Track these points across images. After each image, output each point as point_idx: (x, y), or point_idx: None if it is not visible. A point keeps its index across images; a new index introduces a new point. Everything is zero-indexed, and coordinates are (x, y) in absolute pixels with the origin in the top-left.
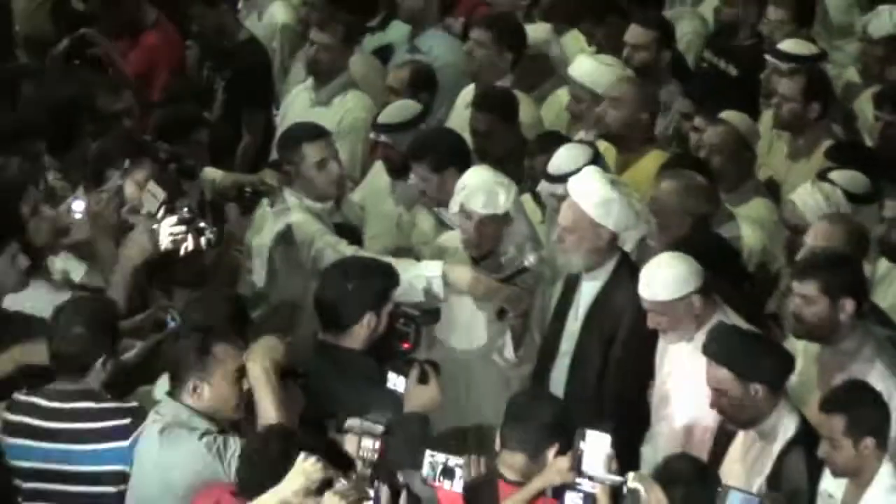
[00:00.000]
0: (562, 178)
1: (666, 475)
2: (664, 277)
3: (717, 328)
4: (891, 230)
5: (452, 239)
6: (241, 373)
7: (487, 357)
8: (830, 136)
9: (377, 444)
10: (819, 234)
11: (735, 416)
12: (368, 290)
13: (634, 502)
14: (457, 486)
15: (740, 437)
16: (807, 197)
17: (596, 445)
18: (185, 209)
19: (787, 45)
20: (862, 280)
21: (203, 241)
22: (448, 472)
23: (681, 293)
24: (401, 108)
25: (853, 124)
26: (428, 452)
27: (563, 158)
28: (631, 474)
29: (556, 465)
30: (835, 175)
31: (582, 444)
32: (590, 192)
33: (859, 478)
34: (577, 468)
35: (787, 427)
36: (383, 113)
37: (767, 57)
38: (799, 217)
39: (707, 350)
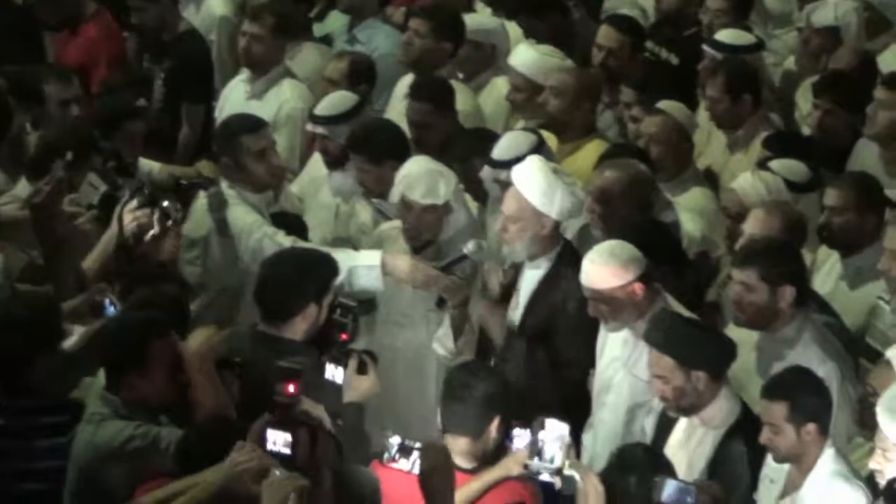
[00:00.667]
0: (505, 164)
1: (619, 463)
2: (605, 266)
3: (660, 316)
4: (830, 218)
5: (392, 228)
6: (179, 366)
7: (427, 347)
8: (768, 126)
9: (293, 387)
10: (757, 223)
11: (677, 404)
12: (310, 280)
13: (570, 489)
14: (414, 468)
15: (682, 423)
16: (747, 185)
17: (554, 435)
18: (147, 192)
19: (724, 35)
20: (801, 268)
21: (169, 223)
22: (405, 451)
23: (622, 281)
24: (338, 100)
25: (792, 113)
26: (386, 434)
27: (507, 144)
28: (566, 461)
29: (514, 457)
30: (775, 164)
31: (541, 434)
32: (532, 182)
33: (801, 463)
34: (534, 458)
35: (728, 414)
36: (320, 105)
37: (704, 47)
38: (740, 205)
39: (649, 337)
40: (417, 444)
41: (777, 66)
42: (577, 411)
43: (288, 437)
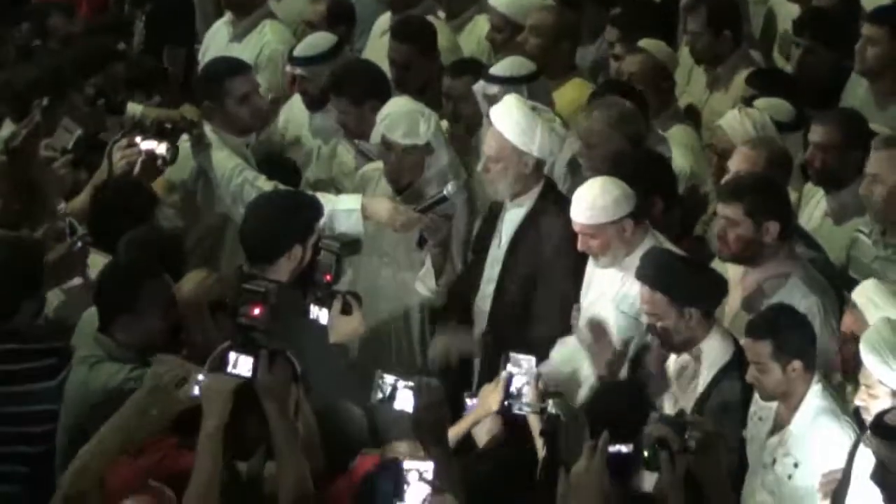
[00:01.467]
0: (502, 81)
1: (599, 404)
2: (596, 200)
3: (651, 252)
4: (815, 154)
5: (374, 170)
6: (172, 307)
7: (410, 286)
8: (749, 63)
9: (258, 310)
10: (742, 159)
11: (670, 340)
12: (295, 222)
13: (555, 427)
14: (407, 405)
15: (672, 358)
16: (734, 122)
17: (522, 369)
18: (138, 131)
19: None
20: (786, 203)
21: (159, 161)
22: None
23: (613, 216)
24: (316, 41)
25: (772, 52)
26: (378, 373)
27: (509, 62)
28: (550, 400)
29: (486, 395)
30: (760, 103)
31: (509, 368)
32: (512, 120)
33: (788, 400)
34: (504, 393)
35: (721, 352)
36: (299, 46)
37: None
38: (727, 142)
39: (641, 275)
40: (410, 383)
41: (759, 5)
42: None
43: (250, 360)
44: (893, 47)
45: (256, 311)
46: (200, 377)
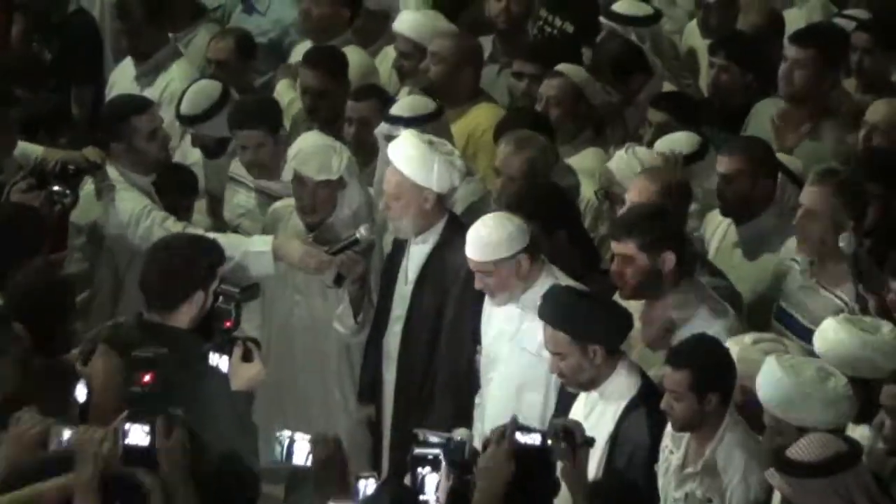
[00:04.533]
0: (404, 122)
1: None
2: (490, 237)
3: (552, 291)
4: (723, 185)
5: (284, 207)
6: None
7: (327, 325)
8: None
9: (148, 377)
10: (638, 191)
11: (574, 379)
12: (197, 266)
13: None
14: (307, 461)
15: (581, 398)
16: (622, 164)
17: (427, 468)
18: (36, 175)
19: (621, 7)
20: (679, 231)
21: (57, 207)
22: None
23: (507, 253)
24: (201, 95)
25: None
26: (276, 427)
27: (410, 102)
28: (461, 430)
29: None
30: (662, 144)
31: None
32: (409, 156)
33: (701, 432)
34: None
35: (628, 387)
36: (185, 104)
37: (601, 19)
38: (617, 184)
39: (543, 313)
40: (307, 436)
41: (676, 35)
42: (468, 387)
43: (146, 428)
44: (819, 71)
45: (147, 378)
46: (67, 433)
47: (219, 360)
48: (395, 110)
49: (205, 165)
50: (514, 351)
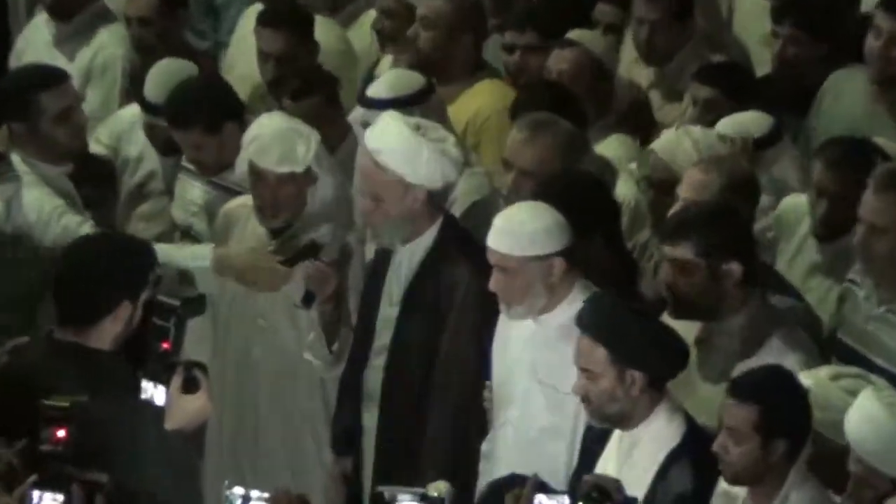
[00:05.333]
0: (384, 104)
1: None
2: (524, 227)
3: (598, 296)
4: (818, 201)
5: (241, 207)
6: None
7: (297, 357)
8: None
9: (62, 433)
10: (691, 186)
11: (601, 409)
12: (120, 271)
13: None
14: None
15: (612, 446)
16: (672, 146)
17: None
18: None
19: None
20: (749, 236)
21: None
22: None
23: (541, 251)
24: (167, 77)
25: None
26: (225, 485)
27: (391, 79)
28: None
29: None
30: (725, 125)
31: None
32: (392, 146)
33: (761, 488)
34: None
35: (669, 433)
36: (148, 85)
37: None
38: (664, 170)
39: (582, 320)
40: (266, 495)
41: None
42: (471, 434)
43: (59, 498)
44: None
45: (60, 434)
46: None
47: (154, 391)
48: (374, 90)
49: (162, 162)
50: (535, 386)
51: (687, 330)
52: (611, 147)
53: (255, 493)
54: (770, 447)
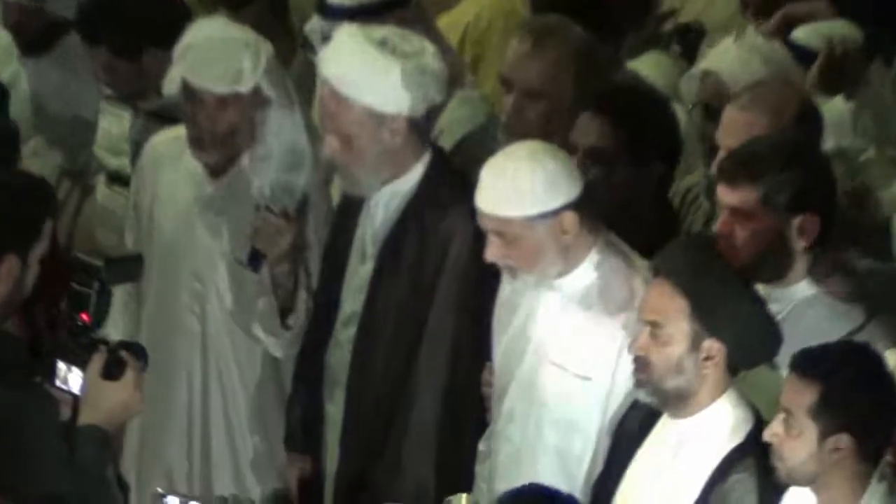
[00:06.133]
0: (345, 13)
1: None
2: (520, 180)
3: (694, 240)
4: None
5: (174, 140)
6: None
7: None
8: None
9: None
10: (729, 129)
11: (660, 380)
12: (4, 217)
13: None
14: None
15: (656, 438)
16: (732, 60)
17: None
18: None
19: None
20: (831, 180)
21: None
22: None
23: (547, 206)
24: None
25: None
26: (155, 493)
27: None
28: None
29: None
30: (801, 34)
31: None
32: (352, 70)
33: (827, 493)
34: None
35: (733, 426)
36: None
37: None
38: (722, 94)
39: (665, 262)
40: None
41: None
42: (467, 431)
43: None
44: None
45: None
46: None
47: (69, 376)
48: None
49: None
50: (544, 370)
51: None
52: (646, 66)
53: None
54: (826, 441)
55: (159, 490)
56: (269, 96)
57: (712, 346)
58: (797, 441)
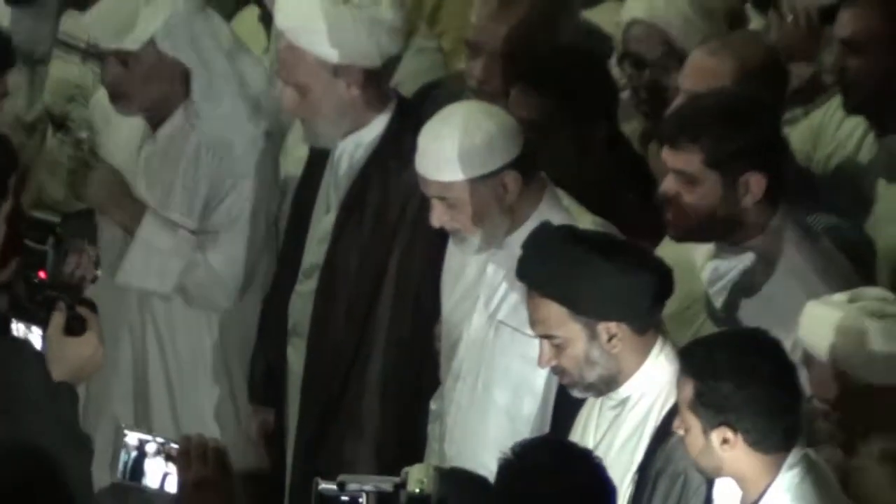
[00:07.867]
0: None
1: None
2: (457, 142)
3: (540, 233)
4: (845, 58)
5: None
6: None
7: None
8: None
9: None
10: (696, 73)
11: (581, 379)
12: None
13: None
14: (168, 484)
15: (595, 400)
16: (674, 8)
17: None
18: None
19: None
20: (777, 138)
21: None
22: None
23: (487, 167)
24: None
25: None
26: (119, 429)
27: None
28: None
29: None
30: None
31: None
32: (304, 21)
33: (737, 481)
34: None
35: (670, 382)
36: None
37: None
38: (649, 41)
39: (522, 271)
40: (173, 444)
41: None
42: (419, 386)
43: None
44: None
45: None
46: None
47: (28, 333)
48: None
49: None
50: (493, 329)
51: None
52: (604, 14)
53: (158, 442)
54: (710, 436)
55: (122, 425)
56: (172, 56)
57: (608, 326)
58: (688, 437)
